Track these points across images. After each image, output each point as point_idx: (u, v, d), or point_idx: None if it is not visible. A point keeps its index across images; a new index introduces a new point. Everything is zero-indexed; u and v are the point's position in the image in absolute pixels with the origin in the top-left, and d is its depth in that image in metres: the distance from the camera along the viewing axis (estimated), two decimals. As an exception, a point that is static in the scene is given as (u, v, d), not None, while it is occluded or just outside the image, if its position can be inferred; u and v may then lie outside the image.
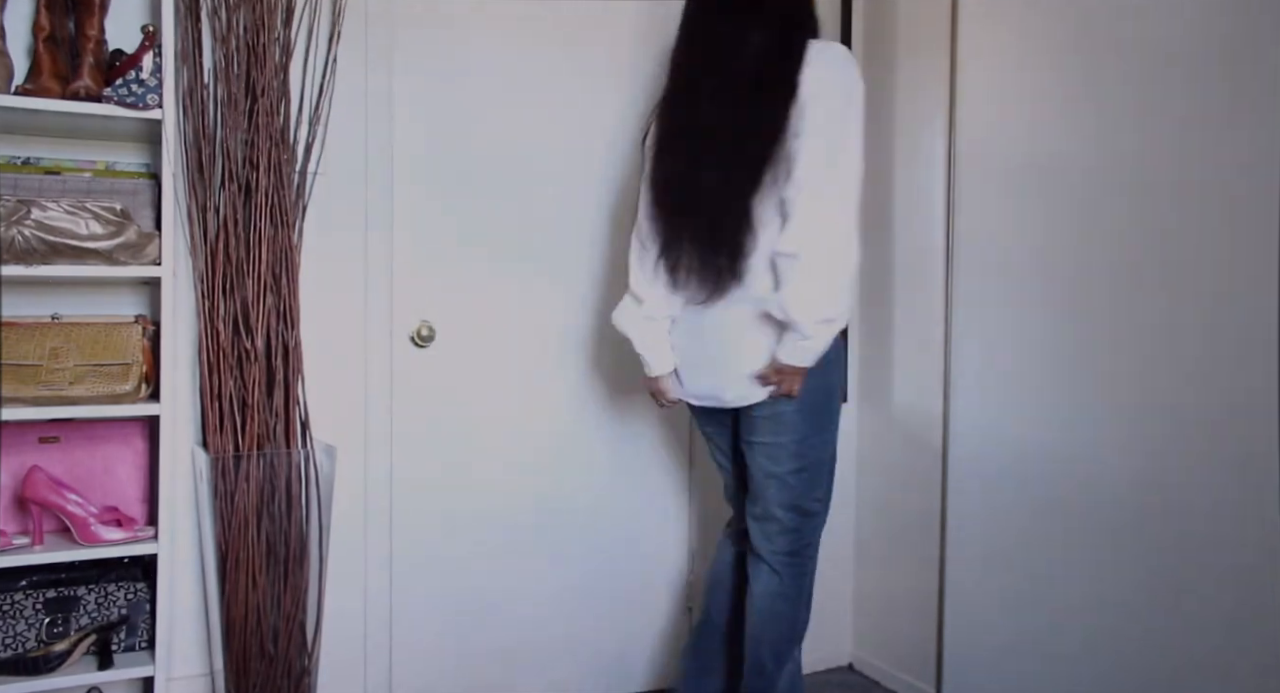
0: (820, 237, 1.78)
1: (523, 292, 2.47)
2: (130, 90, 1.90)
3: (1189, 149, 1.89)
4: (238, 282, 2.06)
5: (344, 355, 2.29)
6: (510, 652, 2.49)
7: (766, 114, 1.80)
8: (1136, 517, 2.00)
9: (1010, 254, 2.28)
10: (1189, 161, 1.89)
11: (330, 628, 2.24)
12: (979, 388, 2.37)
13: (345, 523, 2.27)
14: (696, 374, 2.03)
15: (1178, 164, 1.91)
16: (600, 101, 2.53)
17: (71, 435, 2.04)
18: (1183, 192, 1.90)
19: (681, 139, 1.92)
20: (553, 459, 2.53)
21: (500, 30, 2.42)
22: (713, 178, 1.85)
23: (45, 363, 1.92)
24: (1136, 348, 1.99)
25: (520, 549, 2.50)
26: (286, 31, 2.11)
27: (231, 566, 2.03)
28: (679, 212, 1.92)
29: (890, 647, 2.68)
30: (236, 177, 2.06)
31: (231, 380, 2.07)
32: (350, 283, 2.29)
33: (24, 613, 1.94)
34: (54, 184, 1.96)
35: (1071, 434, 2.13)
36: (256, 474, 2.05)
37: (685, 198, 1.91)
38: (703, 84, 1.89)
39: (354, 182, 2.28)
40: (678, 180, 1.92)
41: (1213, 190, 1.84)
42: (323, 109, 2.19)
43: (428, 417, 2.38)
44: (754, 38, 1.85)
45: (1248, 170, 1.78)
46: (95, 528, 1.94)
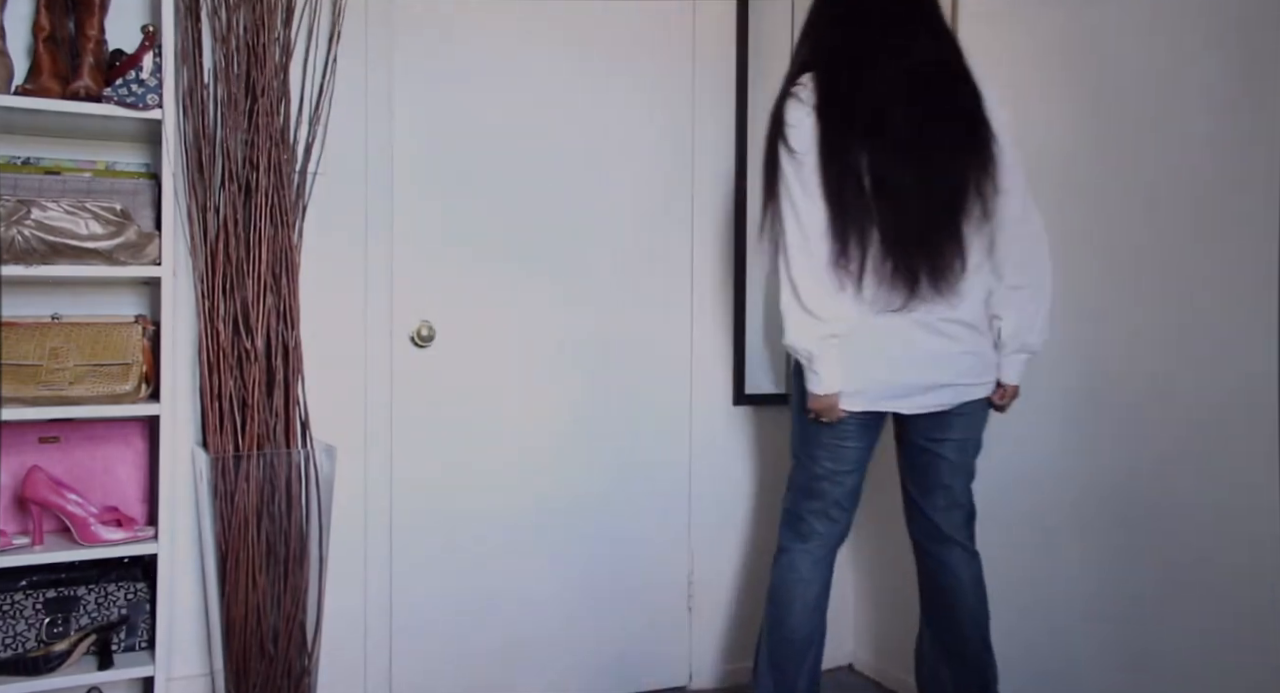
0: (1044, 266, 1.98)
1: (523, 292, 2.47)
2: (130, 90, 1.90)
3: (1190, 147, 1.89)
4: (238, 282, 2.06)
5: (344, 355, 2.29)
6: (510, 651, 2.49)
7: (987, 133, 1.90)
8: (1136, 516, 2.00)
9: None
10: (1190, 160, 1.89)
11: (330, 628, 2.24)
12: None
13: (345, 523, 2.27)
14: (904, 377, 1.93)
15: (1178, 163, 1.91)
16: (600, 101, 2.53)
17: (71, 435, 2.04)
18: (1184, 190, 1.90)
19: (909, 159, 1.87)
20: (553, 459, 2.53)
21: (500, 30, 2.42)
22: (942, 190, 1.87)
23: (45, 363, 1.92)
24: (1137, 348, 1.99)
25: (520, 549, 2.50)
26: (286, 31, 2.11)
27: (231, 566, 2.03)
28: (900, 217, 1.85)
29: (890, 647, 2.68)
30: (236, 176, 2.06)
31: (231, 380, 2.07)
32: (350, 283, 2.29)
33: (24, 613, 1.94)
34: (54, 184, 1.96)
35: (1071, 434, 2.13)
36: (256, 474, 2.05)
37: (914, 210, 1.86)
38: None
39: (354, 182, 2.28)
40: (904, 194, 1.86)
41: (1214, 189, 1.84)
42: (323, 109, 2.19)
43: (428, 417, 2.38)
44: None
45: (1249, 169, 1.78)
46: (95, 528, 1.94)
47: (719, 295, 2.66)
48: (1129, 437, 2.01)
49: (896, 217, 1.84)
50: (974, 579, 2.08)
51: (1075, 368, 2.13)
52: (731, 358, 2.68)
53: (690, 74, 2.62)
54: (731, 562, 2.71)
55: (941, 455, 2.04)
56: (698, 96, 2.62)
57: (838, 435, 1.99)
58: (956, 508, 2.08)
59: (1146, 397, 1.97)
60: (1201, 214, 1.86)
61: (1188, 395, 1.89)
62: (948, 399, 1.96)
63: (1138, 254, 1.99)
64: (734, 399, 2.69)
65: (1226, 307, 1.82)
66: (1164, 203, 1.93)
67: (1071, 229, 2.11)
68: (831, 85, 1.87)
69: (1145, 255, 1.97)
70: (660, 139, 2.60)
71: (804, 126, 1.86)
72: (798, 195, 1.86)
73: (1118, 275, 2.03)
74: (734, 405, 2.69)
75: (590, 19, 2.51)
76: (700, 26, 2.62)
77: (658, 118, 2.59)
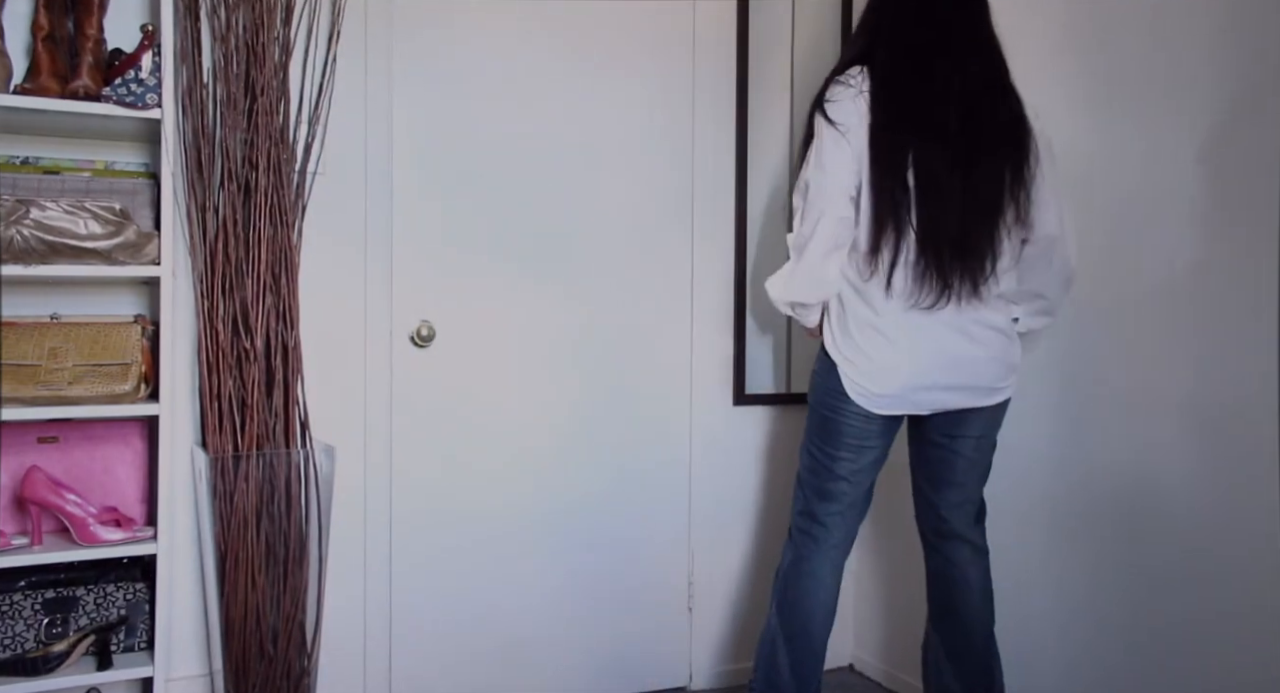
0: (1062, 292, 2.04)
1: (523, 291, 2.47)
2: (129, 90, 1.90)
3: (1192, 147, 1.88)
4: (237, 282, 2.06)
5: (344, 355, 2.28)
6: (510, 651, 2.49)
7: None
8: (1135, 516, 2.00)
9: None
10: (1192, 160, 1.88)
11: (330, 628, 2.24)
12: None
13: (345, 523, 2.27)
14: (931, 378, 1.94)
15: (1180, 162, 1.91)
16: (600, 101, 2.53)
17: (70, 436, 2.04)
18: (1186, 190, 1.90)
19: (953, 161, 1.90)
20: (553, 459, 2.52)
21: (500, 30, 2.42)
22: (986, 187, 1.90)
23: (44, 363, 1.91)
24: (1137, 348, 1.99)
25: (520, 549, 2.49)
26: (286, 31, 2.11)
27: (231, 566, 2.03)
28: (942, 218, 1.88)
29: (890, 647, 2.68)
30: (236, 176, 2.06)
31: (231, 380, 2.06)
32: (350, 283, 2.29)
33: (23, 614, 1.94)
34: (53, 184, 1.96)
35: (1070, 434, 2.13)
36: (256, 474, 2.05)
37: (952, 211, 1.89)
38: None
39: (354, 182, 2.28)
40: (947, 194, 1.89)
41: (1216, 188, 1.84)
42: (322, 108, 2.19)
43: (428, 416, 2.38)
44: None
45: (1252, 169, 1.78)
46: (94, 528, 1.93)
47: (719, 295, 2.66)
48: (1128, 436, 2.01)
49: (937, 216, 1.86)
50: (981, 576, 2.09)
51: (1075, 367, 2.12)
52: (732, 358, 2.68)
53: (690, 74, 2.62)
54: (732, 562, 2.71)
55: (958, 452, 2.04)
56: (698, 96, 2.62)
57: (862, 435, 1.99)
58: (968, 504, 2.09)
59: (1147, 396, 1.97)
60: (1203, 212, 1.86)
61: (1189, 394, 1.89)
62: (969, 400, 1.98)
63: (1137, 251, 1.99)
64: (734, 399, 2.68)
65: (1226, 306, 1.82)
66: (1165, 200, 1.93)
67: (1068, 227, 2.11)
68: (889, 79, 1.89)
69: (1144, 252, 1.97)
70: (660, 139, 2.59)
71: (850, 107, 1.88)
72: (830, 161, 1.89)
73: (1116, 272, 2.03)
74: (734, 405, 2.69)
75: (590, 19, 2.51)
76: (700, 26, 2.61)
77: (658, 118, 2.59)
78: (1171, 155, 1.92)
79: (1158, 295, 1.95)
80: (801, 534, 2.08)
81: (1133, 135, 2.00)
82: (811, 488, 2.06)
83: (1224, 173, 1.82)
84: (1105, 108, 2.06)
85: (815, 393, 2.04)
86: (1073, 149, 2.10)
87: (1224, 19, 1.83)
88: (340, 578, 2.27)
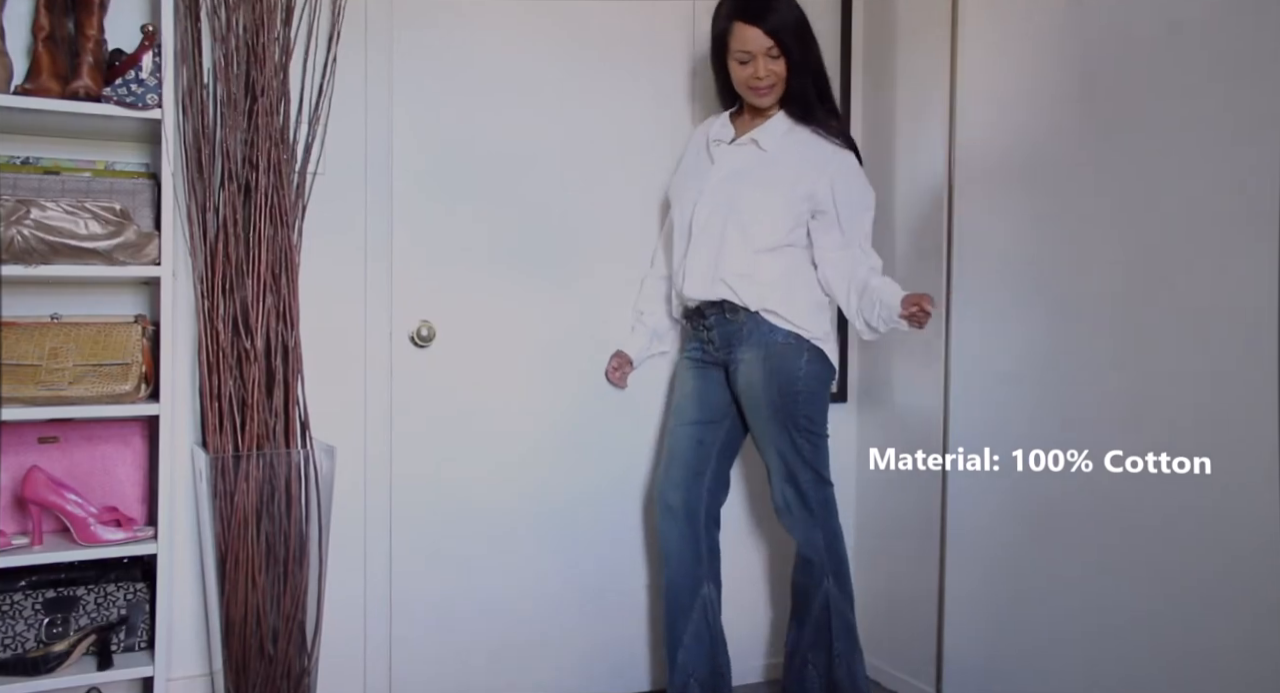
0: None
1: (523, 292, 2.47)
2: (130, 90, 1.90)
3: (1189, 148, 1.89)
4: (237, 282, 2.06)
5: (344, 355, 2.29)
6: (510, 651, 2.49)
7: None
8: (1135, 518, 1.99)
9: (1010, 254, 2.28)
10: (1189, 160, 1.88)
11: (330, 628, 2.24)
12: (979, 388, 2.37)
13: (345, 523, 2.27)
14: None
15: (1178, 163, 1.91)
16: (600, 101, 2.53)
17: (71, 435, 2.04)
18: (1183, 191, 1.90)
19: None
20: (552, 459, 2.52)
21: (501, 30, 2.42)
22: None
23: (44, 363, 1.92)
24: (1137, 348, 1.99)
25: (520, 549, 2.49)
26: (286, 31, 2.11)
27: (231, 566, 2.03)
28: None
29: (890, 647, 2.68)
30: (236, 176, 2.06)
31: (231, 380, 2.06)
32: (350, 283, 2.29)
33: (23, 613, 1.94)
34: (53, 184, 1.96)
35: (1071, 435, 2.13)
36: (256, 474, 2.05)
37: None
38: None
39: (354, 181, 2.28)
40: None
41: (1213, 189, 1.84)
42: (322, 109, 2.19)
43: (427, 416, 2.38)
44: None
45: (1248, 170, 1.78)
46: (95, 528, 1.93)
47: (719, 295, 2.65)
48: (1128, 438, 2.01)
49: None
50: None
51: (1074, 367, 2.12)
52: (731, 358, 2.67)
53: (690, 74, 2.62)
54: (731, 562, 2.70)
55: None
56: (698, 96, 2.62)
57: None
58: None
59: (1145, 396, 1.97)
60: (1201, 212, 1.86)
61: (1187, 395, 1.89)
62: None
63: (1135, 252, 1.99)
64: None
65: (1226, 305, 1.82)
66: (1162, 200, 1.93)
67: (1068, 227, 2.11)
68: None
69: (1143, 253, 1.97)
70: (660, 139, 2.59)
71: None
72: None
73: (1116, 272, 2.03)
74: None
75: (590, 19, 2.51)
76: (700, 27, 2.61)
77: (658, 118, 2.59)
78: (1170, 153, 1.92)
79: (1158, 295, 1.95)
80: (834, 505, 2.34)
81: (1131, 133, 2.00)
82: (825, 461, 2.32)
83: (1223, 171, 1.82)
84: (1103, 105, 2.06)
85: (815, 376, 2.28)
86: (1071, 147, 2.10)
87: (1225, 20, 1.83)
88: (340, 578, 2.27)
